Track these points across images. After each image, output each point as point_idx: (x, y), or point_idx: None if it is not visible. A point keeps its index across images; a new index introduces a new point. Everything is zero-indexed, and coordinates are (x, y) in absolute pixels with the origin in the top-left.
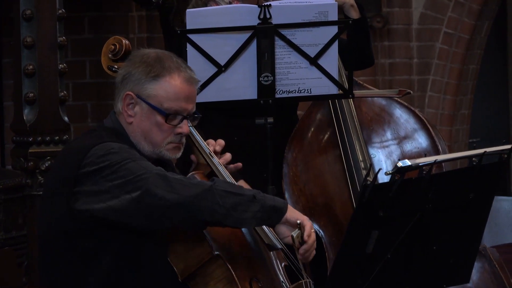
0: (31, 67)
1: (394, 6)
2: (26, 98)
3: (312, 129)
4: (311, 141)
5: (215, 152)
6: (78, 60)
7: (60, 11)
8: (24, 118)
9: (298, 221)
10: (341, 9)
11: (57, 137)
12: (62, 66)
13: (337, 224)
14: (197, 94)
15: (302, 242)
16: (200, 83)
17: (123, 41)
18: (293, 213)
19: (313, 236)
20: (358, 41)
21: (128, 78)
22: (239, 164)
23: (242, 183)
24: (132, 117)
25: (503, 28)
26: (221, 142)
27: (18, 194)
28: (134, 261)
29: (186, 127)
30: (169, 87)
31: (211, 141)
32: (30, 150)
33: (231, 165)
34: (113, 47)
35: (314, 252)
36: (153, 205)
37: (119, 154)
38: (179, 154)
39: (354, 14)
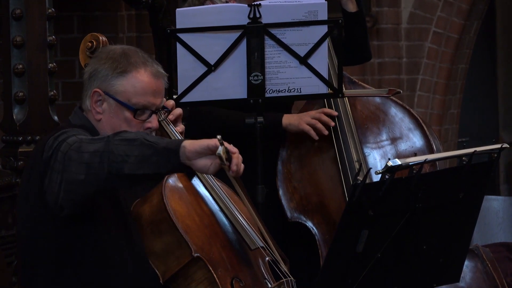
0: (20, 66)
1: (383, 6)
2: (15, 98)
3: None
4: (306, 139)
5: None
6: (68, 59)
7: (49, 10)
8: (14, 117)
9: (218, 136)
10: (338, 1)
11: None
12: (52, 65)
13: (330, 222)
14: (186, 93)
15: (229, 156)
16: (190, 81)
17: (100, 38)
18: (199, 142)
19: (236, 149)
20: (355, 35)
21: (95, 75)
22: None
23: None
24: (100, 114)
25: (492, 28)
26: (179, 110)
27: (8, 194)
28: (110, 260)
29: (155, 121)
30: (136, 82)
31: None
32: (19, 150)
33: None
34: (90, 44)
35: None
36: (73, 171)
37: (66, 133)
38: None
39: (352, 7)
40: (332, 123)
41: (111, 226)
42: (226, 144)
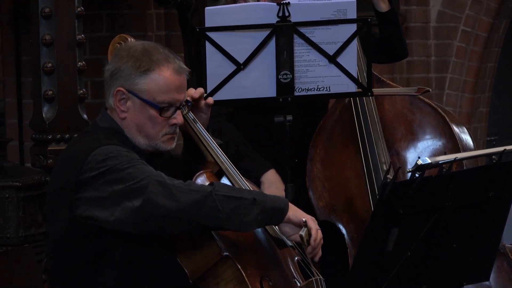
0: (50, 65)
1: (412, 4)
2: (45, 96)
3: (336, 126)
4: (335, 138)
5: (194, 98)
6: (97, 58)
7: (78, 9)
8: (43, 115)
9: (304, 219)
10: (370, 1)
11: (75, 135)
12: (81, 63)
13: (358, 221)
14: (215, 92)
15: (310, 240)
16: (220, 80)
17: (129, 39)
18: (296, 212)
19: (320, 235)
20: (389, 34)
21: (117, 73)
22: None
23: (271, 174)
24: (125, 112)
25: None
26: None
27: (37, 192)
28: (140, 264)
29: (180, 117)
30: (160, 80)
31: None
32: (49, 148)
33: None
34: (118, 45)
35: (320, 252)
36: (154, 214)
37: (117, 158)
38: (173, 145)
39: (384, 6)
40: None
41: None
42: (310, 225)
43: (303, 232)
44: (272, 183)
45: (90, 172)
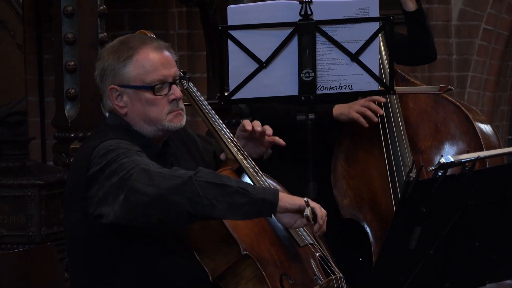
0: (72, 63)
1: (433, 3)
2: (67, 94)
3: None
4: (360, 135)
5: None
6: None
7: (101, 7)
8: (66, 114)
9: (305, 199)
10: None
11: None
12: None
13: (382, 219)
14: (237, 90)
15: (315, 216)
16: (242, 78)
17: (148, 34)
18: (291, 200)
19: (323, 211)
20: (416, 34)
21: (104, 73)
22: (279, 140)
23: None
24: (124, 107)
25: None
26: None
27: (59, 190)
28: (158, 263)
29: (177, 91)
30: (143, 62)
31: (246, 121)
32: (71, 146)
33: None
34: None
35: (325, 226)
36: (137, 202)
37: (115, 151)
38: (183, 121)
39: (411, 5)
40: (381, 112)
41: (156, 227)
42: (312, 204)
43: (307, 212)
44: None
45: (94, 167)
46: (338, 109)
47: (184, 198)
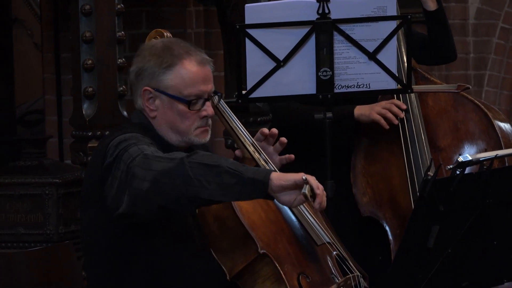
0: (90, 61)
1: (450, 1)
2: (85, 93)
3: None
4: (380, 134)
5: (265, 135)
6: None
7: (118, 6)
8: (83, 112)
9: (303, 176)
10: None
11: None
12: (121, 61)
13: (401, 217)
14: (255, 89)
15: (314, 195)
16: (259, 77)
17: (165, 33)
18: (285, 176)
19: (320, 185)
20: (436, 33)
21: (142, 73)
22: (291, 156)
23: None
24: (154, 111)
25: None
26: (274, 131)
27: (77, 188)
28: (174, 261)
29: (210, 109)
30: (184, 74)
31: (264, 130)
32: (89, 145)
33: (284, 156)
34: (154, 40)
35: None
36: (136, 187)
37: (127, 141)
38: (208, 137)
39: (431, 5)
40: (402, 114)
41: (172, 225)
42: (310, 180)
43: (305, 189)
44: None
45: (108, 159)
46: (359, 110)
47: (177, 180)
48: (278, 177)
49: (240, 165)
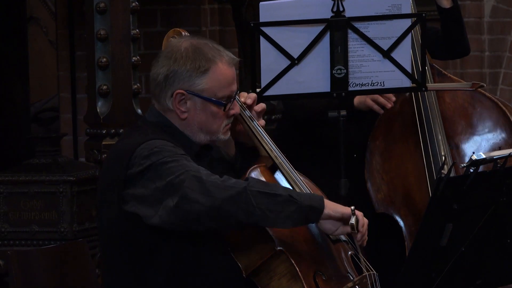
0: (104, 59)
1: None
2: (99, 91)
3: (396, 119)
4: (395, 130)
5: (247, 105)
6: (151, 53)
7: (133, 4)
8: (98, 110)
9: (352, 208)
10: None
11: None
12: (135, 58)
13: (416, 214)
14: (269, 87)
15: (358, 226)
16: (274, 75)
17: (183, 33)
18: (334, 207)
19: (366, 220)
20: (451, 31)
21: (174, 76)
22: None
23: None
24: (185, 112)
25: None
26: (262, 105)
27: (91, 186)
28: (191, 261)
29: (237, 107)
30: (220, 76)
31: (243, 93)
32: (103, 143)
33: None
34: (172, 40)
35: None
36: (189, 210)
37: (161, 153)
38: (229, 134)
39: (446, 3)
40: (391, 101)
41: None
42: (357, 214)
43: (353, 220)
44: None
45: (136, 167)
46: (358, 99)
47: (239, 208)
48: (328, 206)
49: (295, 191)
